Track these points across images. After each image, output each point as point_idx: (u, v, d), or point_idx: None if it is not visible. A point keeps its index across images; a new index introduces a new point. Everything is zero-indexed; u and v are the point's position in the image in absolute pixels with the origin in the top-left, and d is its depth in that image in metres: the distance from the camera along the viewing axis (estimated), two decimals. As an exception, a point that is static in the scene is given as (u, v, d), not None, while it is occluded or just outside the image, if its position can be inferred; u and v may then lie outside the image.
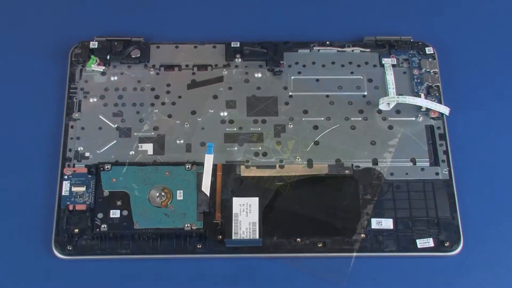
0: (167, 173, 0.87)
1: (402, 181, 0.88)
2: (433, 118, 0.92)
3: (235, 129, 0.91)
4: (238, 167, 0.89)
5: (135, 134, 0.91)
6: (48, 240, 0.85)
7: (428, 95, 0.94)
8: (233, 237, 0.83)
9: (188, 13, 1.02)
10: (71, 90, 0.93)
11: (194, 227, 0.84)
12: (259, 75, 0.95)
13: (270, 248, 0.85)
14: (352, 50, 0.97)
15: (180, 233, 0.84)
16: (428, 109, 0.92)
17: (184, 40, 0.98)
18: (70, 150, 0.89)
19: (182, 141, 0.90)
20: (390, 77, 0.95)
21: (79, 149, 0.89)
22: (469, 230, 0.87)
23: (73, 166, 0.88)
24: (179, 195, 0.86)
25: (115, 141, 0.90)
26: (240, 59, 0.96)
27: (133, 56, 0.96)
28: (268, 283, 0.84)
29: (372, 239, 0.85)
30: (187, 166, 0.88)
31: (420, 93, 0.94)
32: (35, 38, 0.99)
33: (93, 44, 0.96)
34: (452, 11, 1.02)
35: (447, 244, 0.85)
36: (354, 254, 0.84)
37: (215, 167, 0.88)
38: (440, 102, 0.93)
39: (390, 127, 0.92)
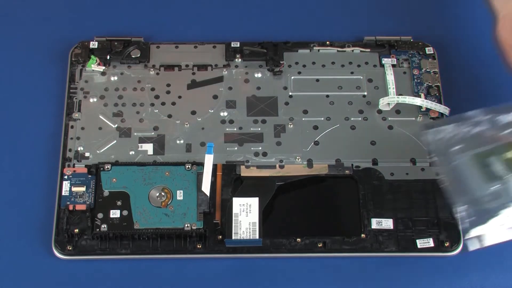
0: (167, 173, 0.87)
1: (402, 181, 0.88)
2: (433, 118, 0.92)
3: (235, 129, 0.92)
4: (238, 167, 0.89)
5: (135, 134, 0.91)
6: (48, 240, 0.85)
7: (428, 95, 0.94)
8: (233, 237, 0.83)
9: (188, 13, 1.02)
10: (71, 90, 0.93)
11: (194, 227, 0.84)
12: (259, 75, 0.96)
13: (270, 248, 0.85)
14: (352, 50, 0.97)
15: (180, 233, 0.84)
16: (428, 109, 0.92)
17: (184, 40, 0.98)
18: (70, 150, 0.89)
19: (182, 141, 0.90)
20: (390, 77, 0.95)
21: (79, 149, 0.89)
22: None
23: (73, 166, 0.88)
24: (179, 195, 0.86)
25: (115, 141, 0.90)
26: (240, 59, 0.96)
27: (133, 56, 0.96)
28: (268, 283, 0.84)
29: (372, 239, 0.85)
30: (187, 166, 0.88)
31: (420, 93, 0.94)
32: (35, 38, 0.99)
33: (93, 44, 0.96)
34: (452, 11, 1.02)
35: (447, 244, 0.85)
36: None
37: (215, 167, 0.88)
38: (440, 102, 0.93)
39: (390, 127, 0.92)
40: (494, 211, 0.76)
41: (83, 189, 0.86)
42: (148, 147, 0.90)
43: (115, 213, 0.85)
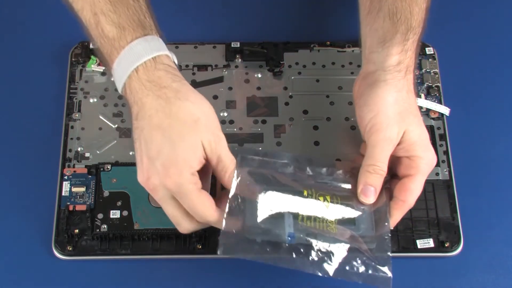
0: (167, 173, 0.87)
1: (402, 181, 0.88)
2: (433, 118, 0.92)
3: (235, 129, 0.92)
4: (238, 167, 0.89)
5: (135, 134, 0.91)
6: (48, 241, 0.85)
7: (428, 95, 0.94)
8: (233, 238, 0.83)
9: (188, 13, 1.02)
10: (71, 91, 0.93)
11: (194, 228, 0.84)
12: (259, 75, 0.95)
13: (270, 248, 0.85)
14: (352, 50, 0.97)
15: (180, 234, 0.84)
16: (428, 109, 0.92)
17: (184, 40, 0.98)
18: (70, 150, 0.89)
19: (182, 141, 0.90)
20: (390, 77, 0.95)
21: (79, 150, 0.89)
22: (469, 230, 0.87)
23: (73, 167, 0.88)
24: (179, 195, 0.86)
25: (115, 142, 0.90)
26: (240, 59, 0.96)
27: (133, 56, 0.95)
28: (268, 283, 0.84)
29: (372, 239, 0.85)
30: (187, 167, 0.88)
31: (420, 94, 0.94)
32: (35, 38, 0.99)
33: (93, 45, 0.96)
34: (452, 11, 1.02)
35: (447, 244, 0.85)
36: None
37: (215, 167, 0.88)
38: (440, 102, 0.93)
39: (390, 127, 0.92)
40: (256, 243, 0.75)
41: (83, 189, 0.86)
42: (148, 148, 0.90)
43: (115, 214, 0.85)
